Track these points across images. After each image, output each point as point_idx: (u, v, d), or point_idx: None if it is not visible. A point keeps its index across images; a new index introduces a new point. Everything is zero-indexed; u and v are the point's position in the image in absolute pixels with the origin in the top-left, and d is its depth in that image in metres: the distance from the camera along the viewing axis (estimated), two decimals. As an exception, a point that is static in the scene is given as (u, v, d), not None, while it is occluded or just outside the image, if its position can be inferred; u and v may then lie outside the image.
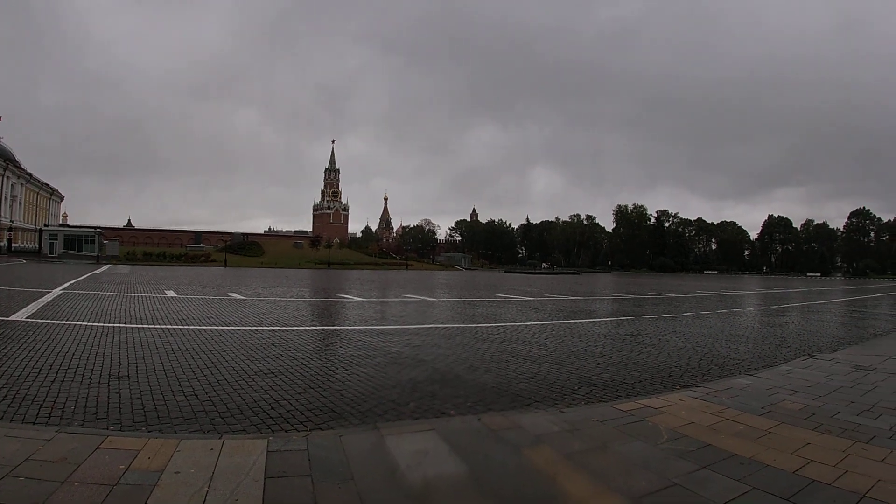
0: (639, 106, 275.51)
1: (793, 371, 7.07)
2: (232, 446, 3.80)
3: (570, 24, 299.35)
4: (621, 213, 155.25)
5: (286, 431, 4.37)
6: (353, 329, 11.07)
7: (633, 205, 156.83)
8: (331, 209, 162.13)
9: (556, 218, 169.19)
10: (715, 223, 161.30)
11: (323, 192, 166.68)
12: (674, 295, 26.42)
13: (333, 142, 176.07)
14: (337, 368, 6.95)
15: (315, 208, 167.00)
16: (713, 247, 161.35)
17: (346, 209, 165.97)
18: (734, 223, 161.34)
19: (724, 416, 4.90)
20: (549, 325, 12.39)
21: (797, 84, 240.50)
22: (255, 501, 3.04)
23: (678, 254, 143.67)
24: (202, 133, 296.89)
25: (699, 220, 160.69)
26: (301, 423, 4.66)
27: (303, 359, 7.52)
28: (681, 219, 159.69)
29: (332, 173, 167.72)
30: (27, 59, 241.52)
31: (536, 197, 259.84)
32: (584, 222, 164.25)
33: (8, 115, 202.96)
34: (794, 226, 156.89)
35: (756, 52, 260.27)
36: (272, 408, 5.06)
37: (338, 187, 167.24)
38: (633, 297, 24.92)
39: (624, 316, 15.31)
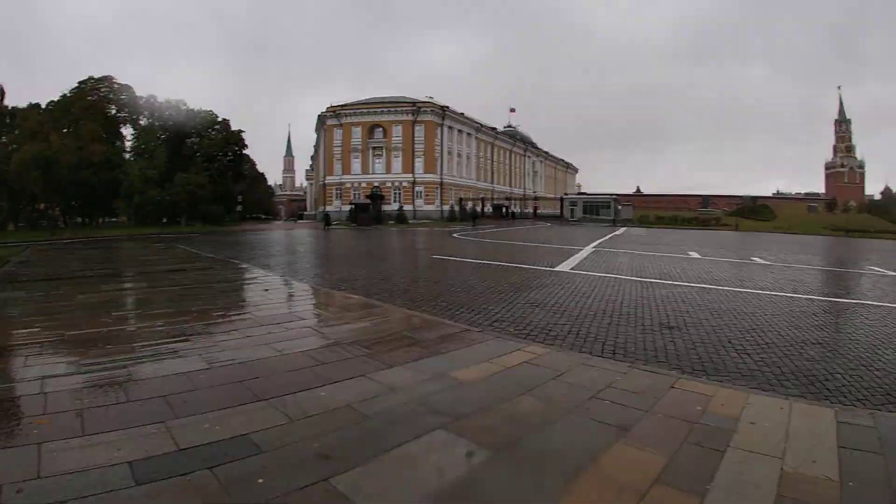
0: None
1: None
2: (800, 409, 3.83)
3: None
4: None
5: (844, 406, 4.14)
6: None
7: None
8: (844, 167, 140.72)
9: None
10: None
11: (834, 148, 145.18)
12: None
13: (840, 88, 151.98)
14: (887, 349, 5.98)
15: (826, 167, 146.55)
16: None
17: (861, 167, 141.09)
18: None
19: None
20: None
21: None
22: (831, 468, 3.02)
23: None
24: (707, 97, 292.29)
25: None
26: (859, 399, 4.35)
27: (848, 333, 6.97)
28: None
29: (842, 125, 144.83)
30: (541, 55, 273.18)
31: None
32: None
33: (527, 104, 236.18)
34: None
35: None
36: (826, 379, 4.84)
37: (850, 141, 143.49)
38: None
39: None
